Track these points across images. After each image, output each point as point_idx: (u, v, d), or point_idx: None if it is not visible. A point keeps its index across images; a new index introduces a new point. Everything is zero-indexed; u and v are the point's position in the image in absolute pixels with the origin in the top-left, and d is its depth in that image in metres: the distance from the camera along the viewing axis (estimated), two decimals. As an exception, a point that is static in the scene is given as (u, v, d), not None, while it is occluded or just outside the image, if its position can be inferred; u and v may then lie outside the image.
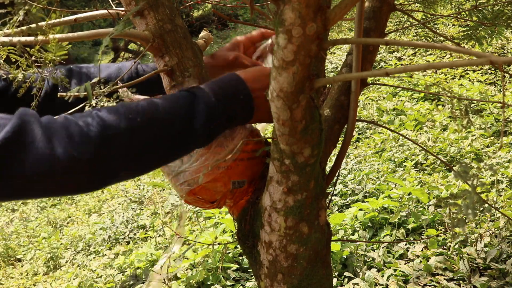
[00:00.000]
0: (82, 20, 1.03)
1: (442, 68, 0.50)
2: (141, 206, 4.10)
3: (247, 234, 0.98)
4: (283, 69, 0.64)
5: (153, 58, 1.00)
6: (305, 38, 0.59)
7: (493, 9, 1.23)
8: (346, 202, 2.95)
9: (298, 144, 0.76)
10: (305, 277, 0.93)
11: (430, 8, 1.38)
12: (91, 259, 3.42)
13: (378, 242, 2.38)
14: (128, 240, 3.53)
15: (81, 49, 13.63)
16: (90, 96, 0.83)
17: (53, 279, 3.28)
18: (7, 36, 0.88)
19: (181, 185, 0.95)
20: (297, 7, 0.57)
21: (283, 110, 0.70)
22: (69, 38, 0.93)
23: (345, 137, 1.02)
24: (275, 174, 0.85)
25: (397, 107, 4.26)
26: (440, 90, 3.97)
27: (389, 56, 5.47)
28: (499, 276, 2.03)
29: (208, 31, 1.12)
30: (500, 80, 4.34)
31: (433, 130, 3.74)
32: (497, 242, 2.24)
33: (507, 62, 0.43)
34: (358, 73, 0.71)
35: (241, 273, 2.45)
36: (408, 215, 2.59)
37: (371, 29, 1.02)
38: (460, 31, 4.78)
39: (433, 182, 2.96)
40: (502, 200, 2.55)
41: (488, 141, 3.39)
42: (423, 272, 2.13)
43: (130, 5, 0.97)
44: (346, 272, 2.25)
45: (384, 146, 3.71)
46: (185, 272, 2.52)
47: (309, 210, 0.87)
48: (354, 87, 0.96)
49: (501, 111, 3.68)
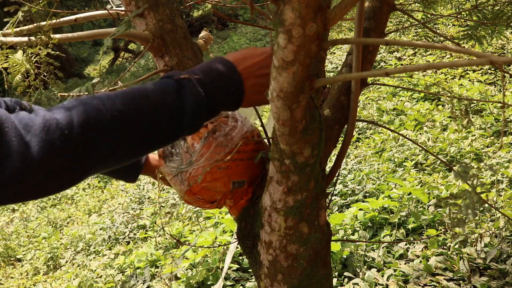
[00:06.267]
0: (82, 20, 1.03)
1: (442, 68, 0.50)
2: (141, 206, 4.10)
3: (247, 234, 0.98)
4: (283, 69, 0.64)
5: (153, 58, 1.00)
6: (305, 38, 0.59)
7: (493, 9, 1.23)
8: (346, 202, 2.95)
9: (298, 144, 0.76)
10: (305, 277, 0.93)
11: (430, 8, 1.38)
12: (91, 259, 3.42)
13: (378, 242, 2.38)
14: (128, 240, 3.53)
15: (81, 49, 13.64)
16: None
17: (53, 279, 3.28)
18: (6, 36, 0.88)
19: (181, 185, 0.95)
20: (297, 7, 0.57)
21: (283, 110, 0.70)
22: (69, 38, 0.93)
23: (345, 137, 1.02)
24: (275, 174, 0.85)
25: (397, 107, 4.26)
26: (440, 90, 3.97)
27: (389, 56, 5.47)
28: (499, 276, 2.03)
29: (208, 31, 1.12)
30: (500, 80, 4.34)
31: (433, 130, 3.74)
32: (497, 242, 2.24)
33: (507, 62, 0.43)
34: (358, 73, 0.71)
35: (241, 273, 2.45)
36: (408, 215, 2.59)
37: (371, 29, 1.02)
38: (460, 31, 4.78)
39: (433, 182, 2.96)
40: (502, 200, 2.55)
41: (488, 141, 3.39)
42: (423, 272, 2.13)
43: (130, 5, 0.97)
44: (346, 272, 2.25)
45: (384, 146, 3.71)
46: (185, 272, 2.52)
47: (309, 210, 0.87)
48: (354, 87, 0.96)
49: (501, 111, 3.68)
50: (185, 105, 0.73)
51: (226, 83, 0.78)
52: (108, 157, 0.68)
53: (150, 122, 0.71)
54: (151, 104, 0.71)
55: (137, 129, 0.70)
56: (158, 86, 0.74)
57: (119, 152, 0.69)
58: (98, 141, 0.65)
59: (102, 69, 10.81)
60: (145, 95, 0.72)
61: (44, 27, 0.86)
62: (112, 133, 0.67)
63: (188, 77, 0.75)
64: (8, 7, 0.87)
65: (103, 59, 11.65)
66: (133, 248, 3.32)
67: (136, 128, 0.70)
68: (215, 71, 0.78)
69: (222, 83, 0.78)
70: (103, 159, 0.68)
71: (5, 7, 0.80)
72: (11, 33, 0.89)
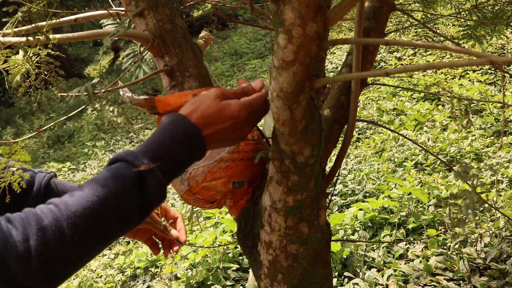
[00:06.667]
0: (82, 20, 1.03)
1: (442, 68, 0.50)
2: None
3: (247, 234, 0.98)
4: (283, 69, 0.64)
5: (153, 58, 1.00)
6: (305, 38, 0.59)
7: (493, 8, 1.23)
8: (346, 202, 2.95)
9: (298, 144, 0.76)
10: (305, 277, 0.93)
11: (430, 8, 1.38)
12: (91, 259, 3.42)
13: (378, 242, 2.38)
14: (128, 240, 3.53)
15: (81, 49, 13.64)
16: (91, 96, 0.83)
17: (53, 279, 3.28)
18: (6, 36, 0.88)
19: (181, 185, 0.95)
20: (297, 7, 0.57)
21: (283, 110, 0.70)
22: (69, 38, 0.93)
23: (345, 137, 1.02)
24: (275, 174, 0.85)
25: (397, 107, 4.26)
26: (440, 90, 3.97)
27: (389, 56, 5.47)
28: (499, 276, 2.03)
29: (208, 31, 1.12)
30: (500, 80, 4.34)
31: (433, 130, 3.74)
32: (497, 242, 2.24)
33: (507, 62, 0.43)
34: (358, 73, 0.71)
35: (241, 273, 2.45)
36: (408, 215, 2.59)
37: (371, 29, 1.02)
38: (460, 31, 4.78)
39: (433, 182, 2.96)
40: (502, 200, 2.55)
41: (488, 141, 3.39)
42: (423, 272, 2.13)
43: (130, 5, 0.97)
44: (346, 272, 2.25)
45: (384, 146, 3.71)
46: (185, 272, 2.52)
47: (309, 210, 0.87)
48: (354, 87, 0.96)
49: (501, 111, 3.68)
50: (148, 199, 0.69)
51: (190, 154, 0.74)
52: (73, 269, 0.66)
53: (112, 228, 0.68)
54: (113, 211, 0.67)
55: (100, 240, 0.67)
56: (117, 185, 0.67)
57: (82, 262, 0.67)
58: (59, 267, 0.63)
59: (102, 69, 10.82)
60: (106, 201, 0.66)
61: (43, 27, 0.86)
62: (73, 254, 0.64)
63: (149, 168, 0.69)
64: (7, 7, 0.87)
65: (103, 59, 11.66)
66: (133, 248, 3.32)
67: (99, 239, 0.67)
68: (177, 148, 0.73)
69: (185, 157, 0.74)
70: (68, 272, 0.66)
71: (4, 7, 0.80)
72: (10, 33, 0.89)
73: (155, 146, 0.72)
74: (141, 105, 0.90)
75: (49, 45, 0.89)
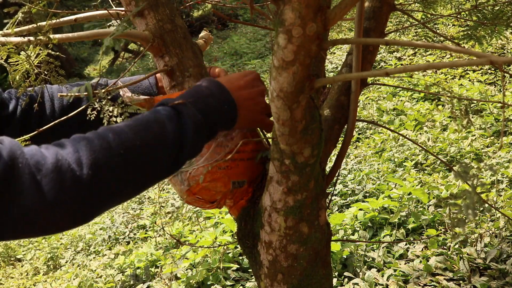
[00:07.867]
0: (82, 20, 1.03)
1: (442, 68, 0.50)
2: (141, 206, 4.10)
3: (247, 234, 0.98)
4: (283, 69, 0.64)
5: (153, 58, 1.00)
6: (305, 38, 0.59)
7: (493, 9, 1.23)
8: (346, 202, 2.95)
9: (298, 144, 0.76)
10: (305, 277, 0.93)
11: (430, 8, 1.38)
12: (91, 259, 3.42)
13: (378, 242, 2.38)
14: (128, 240, 3.53)
15: (81, 49, 13.63)
16: (91, 96, 0.83)
17: (53, 279, 3.28)
18: (6, 36, 0.88)
19: (181, 185, 0.95)
20: (297, 7, 0.57)
21: (283, 110, 0.70)
22: (69, 38, 0.93)
23: (345, 137, 1.02)
24: (275, 174, 0.85)
25: (397, 107, 4.26)
26: (440, 90, 3.97)
27: (389, 56, 5.47)
28: (499, 276, 2.03)
29: (208, 31, 1.12)
30: (500, 80, 4.34)
31: (433, 130, 3.74)
32: (497, 242, 2.24)
33: (507, 62, 0.43)
34: (358, 73, 0.71)
35: (241, 273, 2.45)
36: (408, 215, 2.59)
37: (371, 29, 1.02)
38: (460, 31, 4.78)
39: (433, 182, 2.96)
40: (502, 200, 2.55)
41: (488, 141, 3.39)
42: (423, 272, 2.13)
43: (130, 5, 0.97)
44: (346, 272, 2.25)
45: (384, 146, 3.71)
46: (185, 272, 2.52)
47: (309, 210, 0.87)
48: (354, 87, 0.96)
49: (501, 111, 3.68)
50: (186, 130, 0.74)
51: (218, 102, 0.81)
52: (117, 195, 0.68)
53: (156, 153, 0.71)
54: (154, 135, 0.71)
55: (144, 163, 0.70)
56: (157, 115, 0.74)
57: (127, 189, 0.69)
58: (107, 180, 0.65)
59: (102, 69, 10.81)
60: (147, 126, 0.72)
61: (43, 27, 0.86)
62: (120, 171, 0.67)
63: (182, 102, 0.76)
64: (8, 8, 0.87)
65: (103, 59, 11.66)
66: (133, 248, 3.32)
67: (143, 162, 0.70)
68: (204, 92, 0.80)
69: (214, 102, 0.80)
70: (112, 197, 0.68)
71: (5, 8, 0.80)
72: (11, 34, 0.89)
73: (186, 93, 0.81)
74: (141, 105, 0.90)
75: (49, 45, 0.89)
